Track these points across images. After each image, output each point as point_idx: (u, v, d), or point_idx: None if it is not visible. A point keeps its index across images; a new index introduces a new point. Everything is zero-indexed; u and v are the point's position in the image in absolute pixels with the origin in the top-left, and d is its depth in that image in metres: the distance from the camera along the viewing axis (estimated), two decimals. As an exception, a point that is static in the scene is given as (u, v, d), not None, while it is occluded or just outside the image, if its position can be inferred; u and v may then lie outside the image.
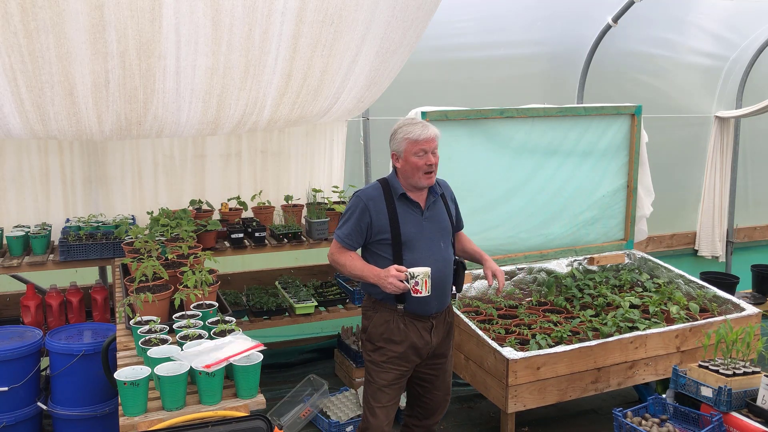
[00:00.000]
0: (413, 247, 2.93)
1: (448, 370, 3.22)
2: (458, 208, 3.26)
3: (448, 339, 3.17)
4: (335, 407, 4.20)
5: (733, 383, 3.47)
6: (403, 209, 2.97)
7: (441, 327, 3.08)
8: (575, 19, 5.69)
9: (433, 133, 2.96)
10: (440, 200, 3.10)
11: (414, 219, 2.97)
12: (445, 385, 3.21)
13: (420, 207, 3.00)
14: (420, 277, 2.78)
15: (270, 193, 4.95)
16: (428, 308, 2.99)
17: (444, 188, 3.17)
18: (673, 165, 6.56)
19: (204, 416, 2.28)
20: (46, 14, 2.83)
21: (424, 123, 2.98)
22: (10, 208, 4.37)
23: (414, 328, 2.99)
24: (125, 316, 3.04)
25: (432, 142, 2.94)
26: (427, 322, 3.01)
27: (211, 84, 3.43)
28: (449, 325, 3.16)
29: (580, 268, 5.02)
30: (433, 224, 3.02)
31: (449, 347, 3.19)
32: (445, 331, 3.12)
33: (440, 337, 3.08)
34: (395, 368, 3.01)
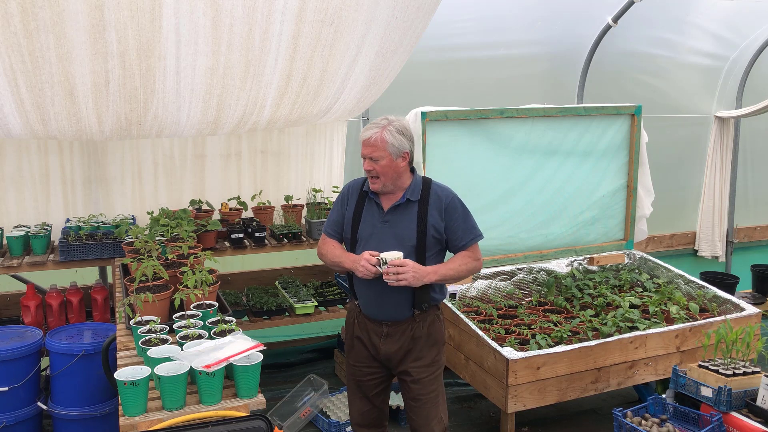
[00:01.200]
0: (365, 248, 2.86)
1: (423, 401, 2.93)
2: (461, 223, 2.89)
3: (413, 358, 2.91)
4: (335, 407, 4.20)
5: (733, 383, 3.47)
6: (368, 207, 2.93)
7: (397, 338, 2.90)
8: (575, 19, 5.69)
9: (366, 135, 2.79)
10: (414, 207, 2.85)
11: (372, 220, 2.90)
12: (421, 415, 2.95)
13: (382, 208, 2.89)
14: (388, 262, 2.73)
15: (270, 193, 4.95)
16: (377, 312, 2.92)
17: (438, 198, 2.87)
18: (673, 165, 6.56)
19: (204, 416, 2.28)
20: (46, 14, 2.83)
21: (371, 125, 2.82)
22: (10, 208, 4.37)
23: (366, 329, 2.97)
24: (125, 316, 3.04)
25: (366, 148, 2.80)
26: (379, 327, 2.93)
27: (211, 84, 3.43)
28: (412, 341, 2.90)
29: (580, 268, 5.02)
30: (391, 229, 2.85)
31: (419, 369, 2.91)
32: (404, 344, 2.90)
33: (395, 349, 2.90)
34: (353, 366, 3.04)
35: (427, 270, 2.79)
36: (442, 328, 3.01)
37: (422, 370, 2.93)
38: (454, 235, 2.88)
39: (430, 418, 2.96)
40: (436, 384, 2.98)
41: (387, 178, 2.82)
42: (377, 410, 3.11)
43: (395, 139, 2.77)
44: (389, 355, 2.94)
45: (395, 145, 2.77)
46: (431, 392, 2.96)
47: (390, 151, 2.77)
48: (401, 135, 2.79)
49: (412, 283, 2.75)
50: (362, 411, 3.10)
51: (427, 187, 2.89)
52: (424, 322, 2.92)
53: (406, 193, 2.86)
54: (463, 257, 2.91)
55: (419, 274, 2.75)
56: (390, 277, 2.73)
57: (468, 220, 2.91)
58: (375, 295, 2.91)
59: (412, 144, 2.86)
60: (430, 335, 2.94)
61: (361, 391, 3.07)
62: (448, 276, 2.86)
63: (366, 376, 3.04)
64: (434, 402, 2.97)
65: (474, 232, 2.91)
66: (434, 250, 2.89)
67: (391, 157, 2.78)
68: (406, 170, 2.87)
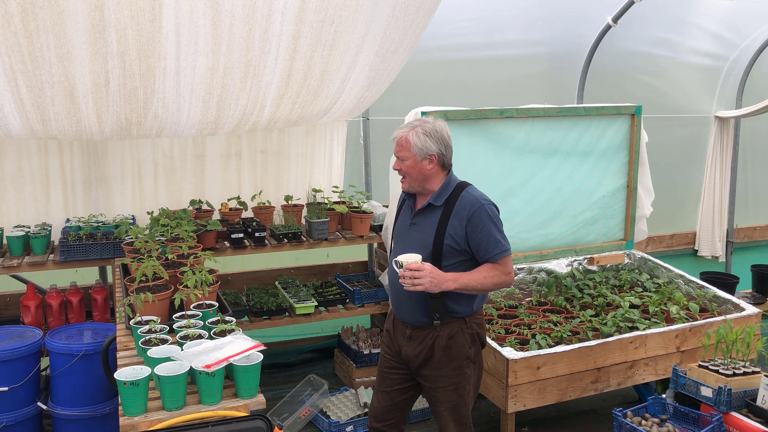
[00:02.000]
0: (395, 248, 2.94)
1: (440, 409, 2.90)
2: (485, 236, 2.76)
3: (432, 367, 2.87)
4: (335, 407, 4.20)
5: (733, 383, 3.47)
6: (405, 208, 2.99)
7: (418, 343, 2.87)
8: (575, 19, 5.69)
9: (395, 135, 2.85)
10: (437, 212, 2.82)
11: (404, 220, 2.96)
12: (441, 422, 2.93)
13: (412, 210, 2.92)
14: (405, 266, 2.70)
15: (270, 193, 4.95)
16: (399, 313, 2.94)
17: (463, 206, 2.79)
18: (673, 165, 6.56)
19: (204, 416, 2.28)
20: (46, 14, 2.83)
21: (403, 125, 2.87)
22: (10, 208, 4.37)
23: (395, 326, 3.00)
24: (125, 316, 3.04)
25: (395, 147, 2.85)
26: (404, 328, 2.93)
27: (211, 84, 3.43)
28: (431, 350, 2.84)
29: (580, 268, 5.02)
30: (416, 232, 2.86)
31: (437, 378, 2.87)
32: (423, 351, 2.86)
33: (415, 353, 2.88)
34: (383, 356, 3.08)
35: (446, 277, 2.70)
36: (467, 344, 2.86)
37: (441, 380, 2.87)
38: (478, 246, 2.77)
39: (447, 424, 2.91)
40: (456, 395, 2.88)
41: (412, 179, 2.83)
42: (398, 410, 3.04)
43: (420, 141, 2.77)
44: (410, 357, 2.91)
45: (419, 146, 2.77)
46: (449, 401, 2.89)
47: (414, 152, 2.78)
48: (427, 137, 2.78)
49: (429, 289, 2.67)
50: (382, 406, 3.05)
51: (456, 194, 2.82)
52: (444, 333, 2.83)
53: (431, 198, 2.84)
54: (489, 269, 2.78)
55: (436, 281, 2.67)
56: (405, 281, 2.67)
57: (494, 233, 2.77)
58: (394, 296, 2.94)
59: (442, 146, 2.81)
60: (449, 348, 2.84)
61: (385, 384, 3.04)
62: (470, 286, 2.74)
63: (391, 369, 3.02)
64: (455, 410, 2.90)
65: (501, 246, 2.77)
66: (454, 260, 2.79)
67: (415, 158, 2.79)
68: (435, 173, 2.84)
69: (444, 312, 2.80)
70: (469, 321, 2.87)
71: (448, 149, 2.86)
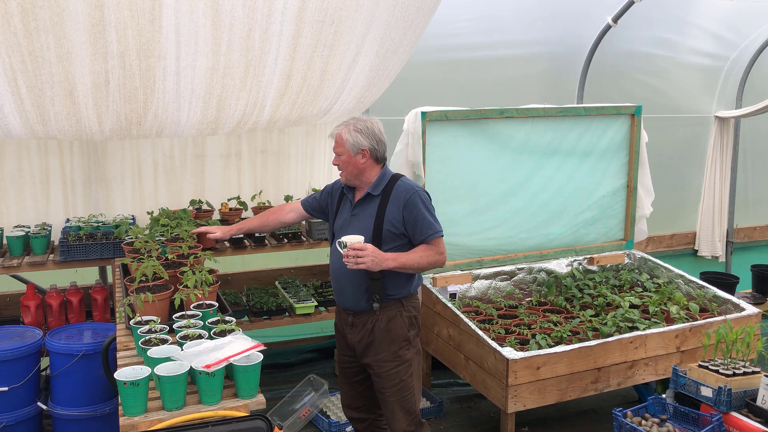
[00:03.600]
0: (338, 237, 3.05)
1: (386, 394, 3.04)
2: (420, 219, 2.96)
3: (374, 352, 3.02)
4: (335, 407, 4.20)
5: (733, 383, 3.47)
6: (344, 203, 3.17)
7: (359, 329, 3.05)
8: (575, 19, 5.69)
9: (331, 133, 3.06)
10: (375, 201, 3.01)
11: (345, 213, 3.13)
12: (387, 408, 3.07)
13: (352, 203, 3.11)
14: (348, 245, 2.85)
15: (270, 193, 4.95)
16: (341, 300, 3.12)
17: (399, 194, 2.98)
18: (673, 165, 6.56)
19: (204, 416, 2.28)
20: (46, 14, 2.83)
21: (339, 124, 3.07)
22: (10, 208, 4.37)
23: (339, 317, 3.20)
24: (125, 316, 3.04)
25: (334, 144, 3.05)
26: (346, 316, 3.11)
27: (211, 84, 3.43)
28: (372, 335, 3.01)
29: (580, 268, 5.02)
30: (357, 221, 3.05)
31: (379, 363, 3.01)
32: (365, 336, 3.02)
33: (357, 339, 3.05)
34: (338, 349, 3.28)
35: (386, 256, 2.89)
36: (406, 325, 3.04)
37: (383, 364, 3.03)
38: (413, 229, 2.98)
39: (394, 411, 3.05)
40: (399, 379, 3.03)
41: (348, 172, 3.05)
42: (362, 397, 3.26)
43: (352, 137, 2.98)
44: (354, 344, 3.10)
45: (351, 142, 2.98)
46: (394, 386, 3.03)
47: (347, 147, 3.00)
48: (359, 133, 2.99)
49: (371, 267, 2.84)
50: (348, 395, 3.30)
51: (391, 184, 3.03)
52: (383, 316, 3.01)
53: (369, 188, 3.04)
54: (425, 249, 2.98)
55: (378, 259, 2.84)
56: (349, 260, 2.83)
57: (427, 216, 2.98)
58: (337, 282, 3.11)
59: (373, 141, 3.01)
60: (389, 330, 3.01)
61: (345, 376, 3.27)
62: (408, 264, 2.93)
63: (346, 363, 3.23)
64: (399, 395, 3.04)
65: (434, 228, 2.99)
66: (393, 244, 2.98)
67: (349, 153, 3.00)
68: (370, 166, 3.04)
69: (383, 294, 2.99)
70: (406, 304, 3.07)
71: (380, 144, 3.05)
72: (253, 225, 3.61)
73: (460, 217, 4.58)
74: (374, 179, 3.05)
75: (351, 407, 3.30)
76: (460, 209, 4.58)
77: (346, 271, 2.94)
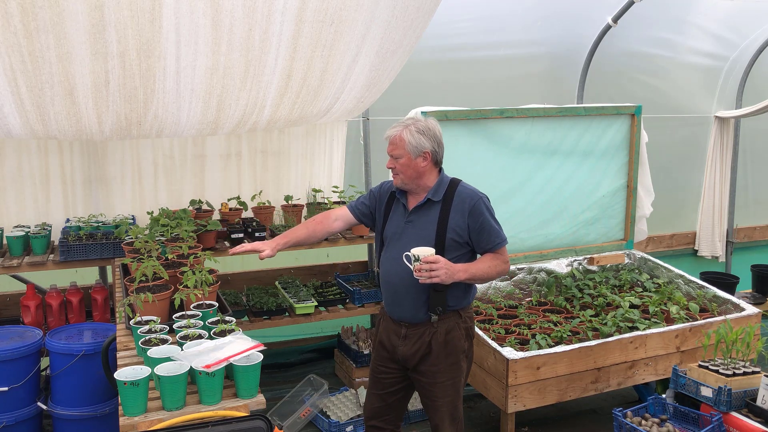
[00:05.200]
0: (390, 247, 2.94)
1: (439, 404, 2.94)
2: (486, 227, 2.85)
3: (429, 364, 2.91)
4: (335, 407, 4.20)
5: (733, 383, 3.47)
6: (395, 208, 2.99)
7: (415, 341, 2.91)
8: (575, 19, 5.69)
9: (389, 134, 2.90)
10: (436, 208, 2.87)
11: (398, 220, 2.96)
12: (437, 416, 2.97)
13: (406, 209, 2.94)
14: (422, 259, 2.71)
15: (270, 193, 4.95)
16: (396, 312, 2.95)
17: (462, 200, 2.86)
18: (673, 165, 6.56)
19: (204, 416, 2.28)
20: (46, 14, 2.83)
21: (396, 124, 2.91)
22: (10, 208, 4.37)
23: (387, 329, 3.01)
24: (125, 316, 3.04)
25: (389, 146, 2.90)
26: (398, 328, 2.96)
27: (211, 84, 3.43)
28: (429, 347, 2.89)
29: (580, 268, 5.02)
30: (415, 229, 2.88)
31: (434, 373, 2.91)
32: (421, 348, 2.90)
33: (412, 351, 2.91)
34: (374, 360, 3.10)
35: (458, 267, 2.76)
36: (463, 338, 2.93)
37: (438, 376, 2.92)
38: (479, 237, 2.85)
39: (444, 419, 2.96)
40: (454, 390, 2.94)
41: (406, 176, 2.87)
42: (391, 409, 3.10)
43: (414, 138, 2.82)
44: (406, 356, 2.93)
45: (413, 144, 2.82)
46: (447, 396, 2.94)
47: (408, 149, 2.83)
48: (421, 135, 2.84)
49: (444, 280, 2.71)
50: (375, 405, 3.12)
51: (452, 189, 2.89)
52: (441, 328, 2.88)
53: (429, 194, 2.88)
54: (492, 258, 2.87)
55: (450, 271, 2.71)
56: (422, 273, 2.69)
57: (493, 224, 2.87)
58: (393, 293, 2.94)
59: (435, 143, 2.87)
60: (447, 343, 2.89)
61: (377, 387, 3.10)
62: (478, 275, 2.83)
63: (383, 374, 3.06)
64: (451, 405, 2.96)
65: (500, 236, 2.88)
66: (455, 253, 2.85)
67: (409, 156, 2.84)
68: (429, 170, 2.89)
69: (445, 306, 2.86)
70: (463, 315, 2.95)
71: (441, 147, 2.92)
72: (300, 236, 3.17)
73: (460, 217, 4.58)
74: (433, 184, 2.89)
75: (376, 417, 3.12)
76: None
77: (405, 283, 2.82)
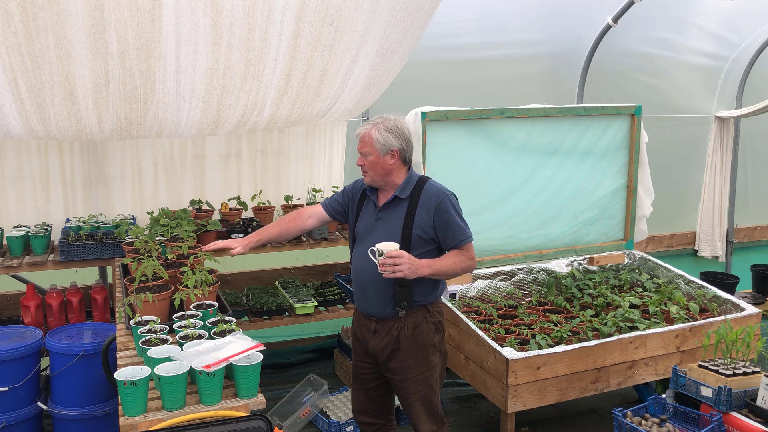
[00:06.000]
0: (360, 243, 2.99)
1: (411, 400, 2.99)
2: (451, 224, 2.90)
3: (399, 359, 2.95)
4: (335, 407, 4.20)
5: (733, 383, 3.47)
6: (366, 205, 3.06)
7: (384, 336, 2.96)
8: (575, 19, 5.69)
9: (358, 132, 2.96)
10: (403, 205, 2.92)
11: (368, 217, 3.02)
12: (413, 414, 3.01)
13: (376, 206, 3.00)
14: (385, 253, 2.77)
15: (270, 193, 4.95)
16: (365, 307, 3.02)
17: (428, 198, 2.90)
18: (673, 165, 6.56)
19: (204, 416, 2.28)
20: (46, 14, 2.83)
21: (365, 123, 2.98)
22: (10, 208, 4.36)
23: (359, 324, 3.09)
24: (125, 316, 3.04)
25: (358, 144, 2.96)
26: (368, 323, 3.01)
27: (211, 84, 3.43)
28: (397, 341, 2.94)
29: (580, 268, 5.02)
30: (384, 226, 2.94)
31: (404, 369, 2.96)
32: (390, 343, 2.95)
33: (381, 346, 2.97)
34: (354, 355, 3.17)
35: (422, 263, 2.81)
36: (431, 332, 2.98)
37: (409, 370, 2.97)
38: (444, 234, 2.90)
39: (420, 414, 3.01)
40: (426, 384, 2.99)
41: (375, 174, 2.93)
42: (376, 403, 3.17)
43: (382, 137, 2.88)
44: (376, 351, 3.01)
45: (381, 142, 2.88)
46: (420, 391, 2.98)
47: (376, 147, 2.89)
48: (389, 133, 2.88)
49: (408, 275, 2.76)
50: (361, 400, 3.20)
51: (419, 186, 2.93)
52: (409, 323, 2.93)
53: (396, 191, 2.94)
54: (457, 254, 2.92)
55: (414, 266, 2.77)
56: (386, 268, 2.74)
57: (459, 221, 2.92)
58: (362, 289, 3.01)
59: (403, 142, 2.92)
60: (416, 337, 2.94)
61: (358, 383, 3.18)
62: (442, 271, 2.87)
63: (362, 370, 3.14)
64: (425, 400, 3.00)
65: (465, 233, 2.93)
66: (421, 250, 2.90)
67: (378, 154, 2.89)
68: (397, 168, 2.94)
69: (411, 301, 2.91)
70: (432, 309, 3.00)
71: (409, 145, 2.96)
72: (272, 234, 3.31)
73: (460, 217, 4.58)
74: (401, 181, 2.94)
75: (363, 412, 3.20)
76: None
77: (372, 278, 2.87)
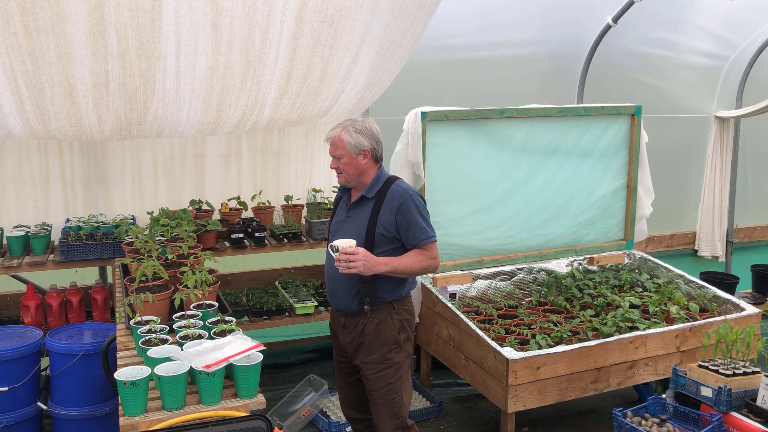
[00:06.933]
0: (332, 240, 3.05)
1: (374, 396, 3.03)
2: (413, 224, 2.94)
3: (364, 353, 3.02)
4: (335, 407, 4.21)
5: (733, 383, 3.47)
6: (341, 204, 3.17)
7: (351, 331, 3.04)
8: (575, 19, 5.69)
9: (328, 135, 3.02)
10: (369, 204, 2.99)
11: (341, 215, 3.13)
12: (375, 410, 3.07)
13: (347, 204, 3.10)
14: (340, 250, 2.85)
15: (270, 193, 4.95)
16: (333, 301, 3.13)
17: (392, 197, 2.96)
18: (673, 165, 6.56)
19: (204, 416, 2.28)
20: (46, 14, 2.83)
21: (335, 126, 3.02)
22: (10, 208, 4.37)
23: (332, 317, 3.21)
24: (125, 316, 3.05)
25: (330, 147, 3.02)
26: (339, 317, 3.12)
27: (211, 84, 3.43)
28: (362, 336, 3.00)
29: (580, 268, 5.02)
30: (351, 224, 3.03)
31: (368, 364, 3.02)
32: (356, 338, 3.02)
33: (348, 340, 3.06)
34: (334, 351, 3.27)
35: (378, 260, 2.88)
36: (395, 329, 3.02)
37: (372, 366, 3.03)
38: (406, 234, 2.96)
39: (381, 414, 3.05)
40: (386, 382, 3.03)
41: (349, 174, 3.01)
42: (359, 398, 3.24)
43: (353, 138, 2.95)
44: (345, 345, 3.11)
45: (353, 143, 2.95)
46: (381, 389, 3.03)
47: (348, 149, 2.96)
48: (359, 134, 2.96)
49: (363, 272, 2.82)
50: (345, 394, 3.30)
51: (386, 186, 3.00)
52: (374, 318, 3.00)
53: (364, 191, 3.03)
54: (417, 254, 2.97)
55: (370, 263, 2.83)
56: (341, 264, 2.82)
57: (420, 221, 2.96)
58: (330, 284, 3.11)
59: (373, 141, 3.00)
60: (379, 333, 3.00)
61: (341, 376, 3.28)
62: (400, 269, 2.92)
63: (341, 364, 3.24)
64: (386, 398, 3.04)
65: (426, 233, 2.97)
66: (385, 248, 2.96)
67: (350, 155, 2.97)
68: (370, 167, 3.02)
69: (374, 297, 2.96)
70: (398, 307, 3.05)
71: (379, 144, 3.04)
72: None
73: (460, 217, 4.58)
74: (370, 180, 3.03)
75: (348, 406, 3.31)
76: (460, 209, 4.58)
77: (338, 274, 2.93)
